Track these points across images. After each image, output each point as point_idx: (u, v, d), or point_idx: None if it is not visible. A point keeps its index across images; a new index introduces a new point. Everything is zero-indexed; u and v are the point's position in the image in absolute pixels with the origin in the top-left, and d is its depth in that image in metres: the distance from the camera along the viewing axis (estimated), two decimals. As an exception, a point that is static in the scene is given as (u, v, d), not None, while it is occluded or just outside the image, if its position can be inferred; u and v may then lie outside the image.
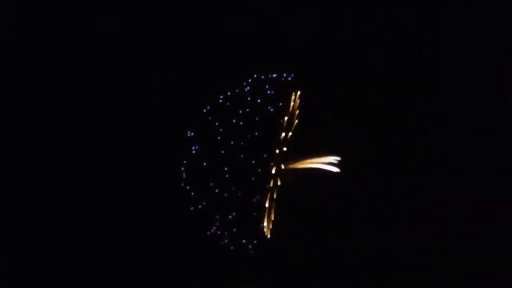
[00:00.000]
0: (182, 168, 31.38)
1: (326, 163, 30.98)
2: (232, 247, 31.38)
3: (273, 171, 30.85)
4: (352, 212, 31.37)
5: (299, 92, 30.65)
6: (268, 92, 30.53)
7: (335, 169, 30.91)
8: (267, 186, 30.68)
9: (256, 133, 30.69)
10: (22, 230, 31.17)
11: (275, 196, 30.89)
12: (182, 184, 31.25)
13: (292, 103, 30.63)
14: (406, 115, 31.44)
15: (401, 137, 31.46)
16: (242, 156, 30.83)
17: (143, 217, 31.80)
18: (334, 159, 30.98)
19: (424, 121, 31.50)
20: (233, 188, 30.92)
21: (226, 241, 31.26)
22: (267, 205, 30.66)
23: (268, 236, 30.89)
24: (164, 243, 31.66)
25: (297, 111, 30.65)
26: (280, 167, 30.92)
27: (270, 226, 30.90)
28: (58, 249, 31.14)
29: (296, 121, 30.69)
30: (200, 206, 31.15)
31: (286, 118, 30.62)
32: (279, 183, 30.87)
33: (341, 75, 31.60)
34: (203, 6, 31.93)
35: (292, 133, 30.75)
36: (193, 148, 31.38)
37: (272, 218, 30.87)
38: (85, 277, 30.98)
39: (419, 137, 31.49)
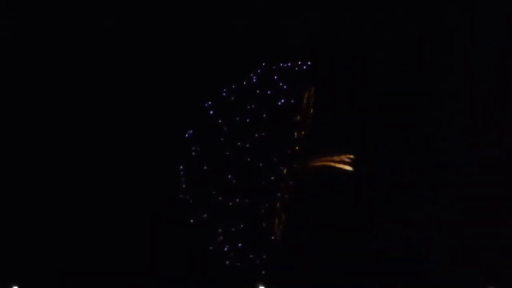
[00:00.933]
0: (180, 173, 27.75)
1: (339, 161, 29.27)
2: (238, 264, 28.16)
3: (284, 172, 28.35)
4: (366, 211, 29.53)
5: (313, 89, 28.79)
6: (280, 84, 28.34)
7: (348, 168, 29.08)
8: (279, 189, 27.97)
9: (263, 133, 28.18)
10: (18, 234, 28.88)
11: (286, 197, 28.26)
12: (181, 196, 27.67)
13: (305, 101, 28.70)
14: (406, 115, 30.42)
15: (402, 137, 30.26)
16: (249, 158, 27.70)
17: (133, 231, 28.77)
18: (347, 157, 29.35)
19: (425, 121, 30.62)
20: (239, 196, 27.75)
21: (231, 254, 27.98)
22: (278, 205, 27.85)
23: (279, 239, 28.06)
24: (160, 259, 28.54)
25: (312, 110, 28.78)
26: (292, 167, 28.54)
27: (281, 228, 28.15)
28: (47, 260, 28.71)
29: (311, 119, 28.64)
30: (200, 217, 27.31)
31: (298, 117, 28.58)
32: (291, 183, 28.39)
33: (341, 76, 30.31)
34: (203, 6, 30.66)
35: (306, 132, 28.64)
36: (193, 149, 27.78)
37: (283, 220, 28.12)
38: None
39: (422, 137, 30.40)
